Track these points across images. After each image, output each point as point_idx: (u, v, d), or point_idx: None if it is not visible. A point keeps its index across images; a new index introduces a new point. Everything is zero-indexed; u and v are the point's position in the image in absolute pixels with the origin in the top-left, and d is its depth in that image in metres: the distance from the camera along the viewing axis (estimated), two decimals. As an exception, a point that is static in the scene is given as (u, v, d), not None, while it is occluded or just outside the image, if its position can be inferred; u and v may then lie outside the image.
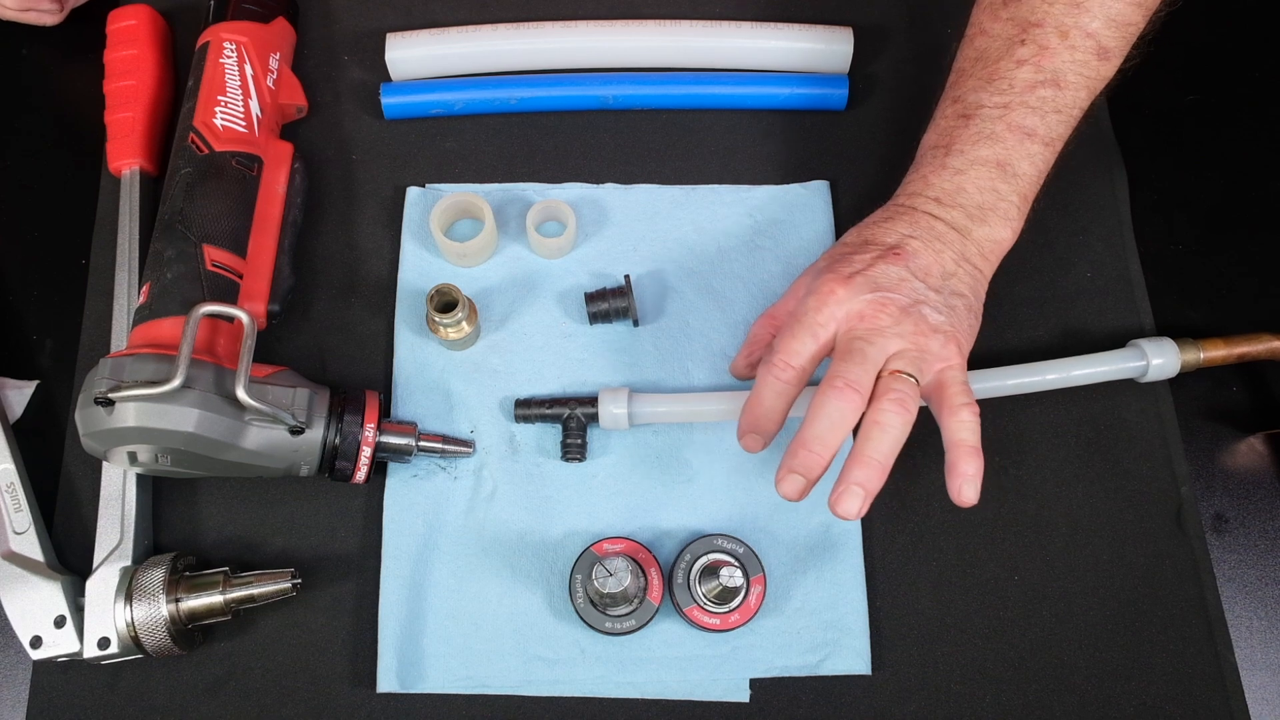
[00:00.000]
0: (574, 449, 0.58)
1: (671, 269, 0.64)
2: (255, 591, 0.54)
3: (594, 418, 0.58)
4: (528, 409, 0.59)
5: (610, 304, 0.61)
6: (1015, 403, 0.60)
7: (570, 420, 0.59)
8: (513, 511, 0.58)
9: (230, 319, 0.54)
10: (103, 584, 0.53)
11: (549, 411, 0.59)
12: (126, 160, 0.64)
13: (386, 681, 0.55)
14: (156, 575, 0.53)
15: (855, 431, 0.50)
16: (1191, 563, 0.58)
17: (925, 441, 0.60)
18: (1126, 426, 0.61)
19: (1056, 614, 0.57)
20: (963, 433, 0.50)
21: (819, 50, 0.68)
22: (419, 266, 0.63)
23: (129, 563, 0.54)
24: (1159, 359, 0.58)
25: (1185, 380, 0.61)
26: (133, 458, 0.53)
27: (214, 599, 0.53)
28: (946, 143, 0.55)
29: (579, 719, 0.55)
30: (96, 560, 0.54)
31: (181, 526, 0.58)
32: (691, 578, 0.54)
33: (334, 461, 0.55)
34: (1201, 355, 0.59)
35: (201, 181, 0.58)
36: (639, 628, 0.54)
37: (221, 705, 0.55)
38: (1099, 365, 0.59)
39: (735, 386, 0.61)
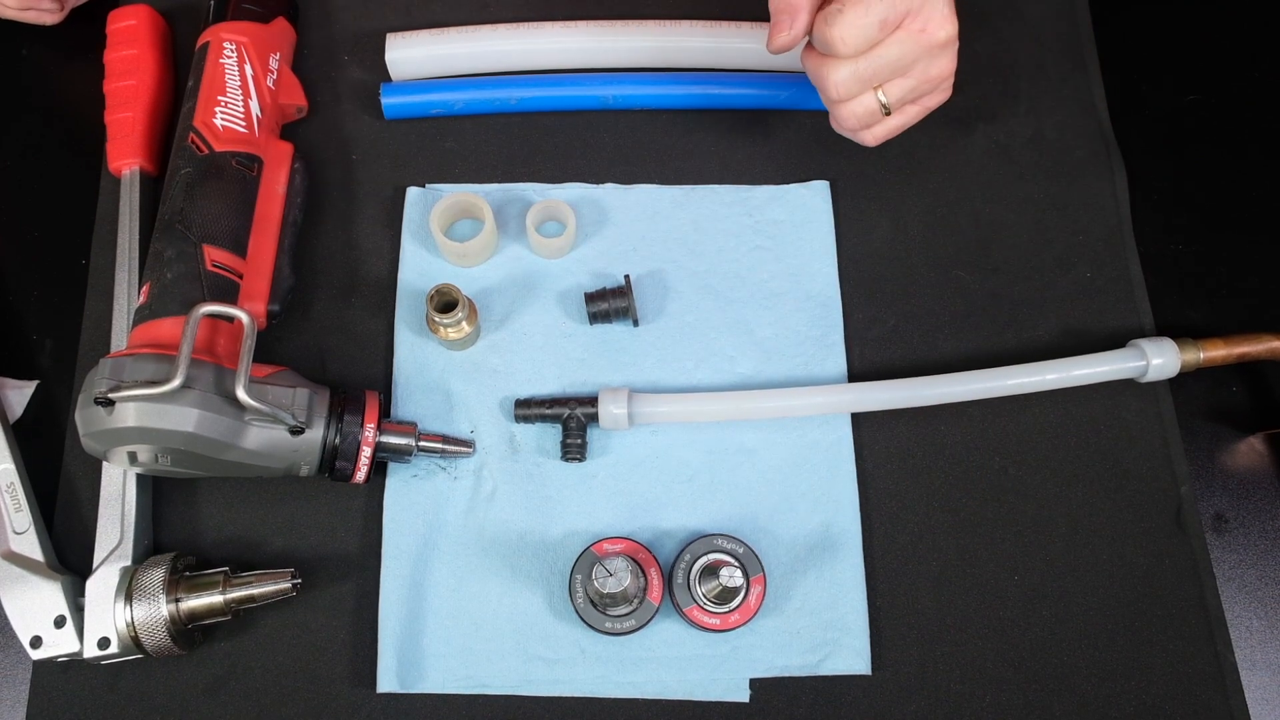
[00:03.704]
0: (574, 449, 0.58)
1: (671, 269, 0.64)
2: (255, 591, 0.54)
3: (594, 418, 0.58)
4: (528, 409, 0.59)
5: (610, 304, 0.61)
6: (1015, 403, 0.60)
7: (570, 420, 0.59)
8: (513, 511, 0.58)
9: (230, 319, 0.54)
10: (103, 584, 0.53)
11: (549, 411, 0.59)
12: (126, 160, 0.64)
13: (386, 681, 0.55)
14: (156, 575, 0.53)
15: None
16: (1191, 563, 0.58)
17: (925, 441, 0.60)
18: (1126, 426, 0.61)
19: (1056, 614, 0.57)
20: None
21: (819, 50, 0.68)
22: (419, 266, 0.63)
23: (129, 563, 0.54)
24: (1159, 359, 0.58)
25: (1185, 380, 0.61)
26: (133, 458, 0.53)
27: (214, 599, 0.53)
28: None
29: (579, 719, 0.55)
30: (96, 560, 0.54)
31: (181, 526, 0.58)
32: (691, 578, 0.54)
33: (334, 461, 0.55)
34: (1201, 355, 0.59)
35: (201, 181, 0.58)
36: (639, 628, 0.54)
37: (221, 705, 0.55)
38: (1099, 365, 0.59)
39: (736, 386, 0.61)
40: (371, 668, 0.55)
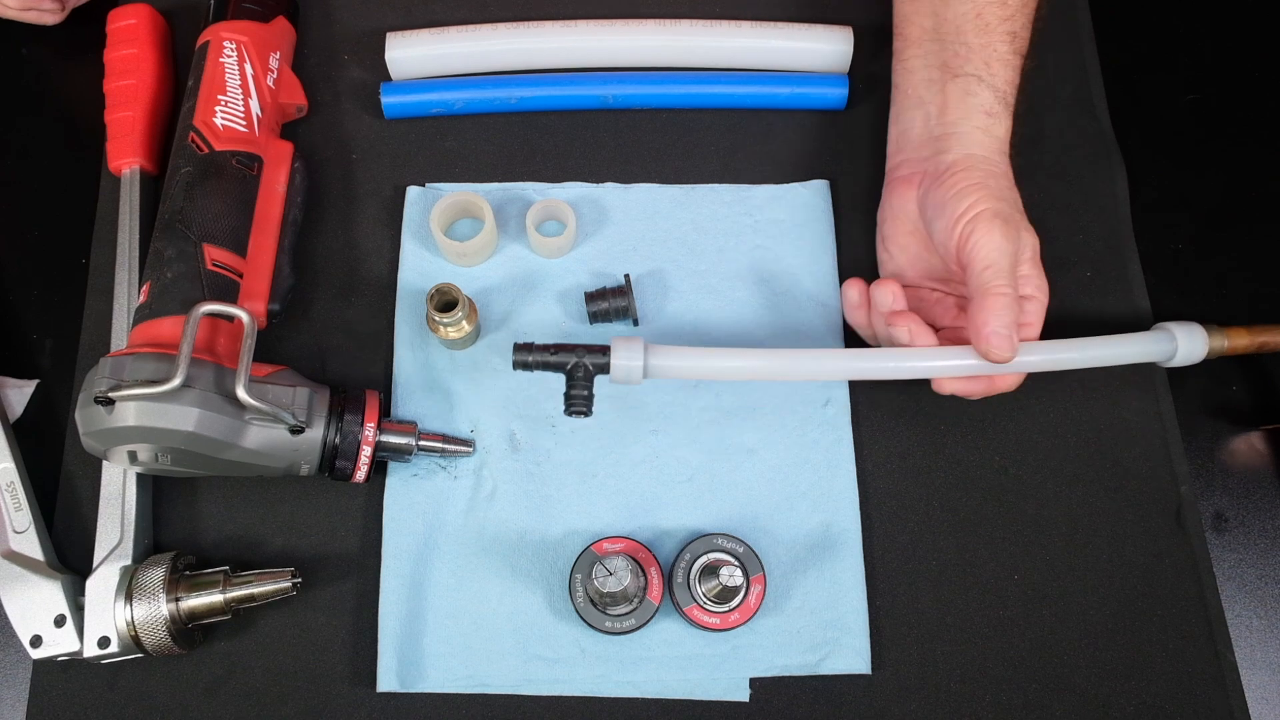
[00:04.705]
0: (579, 401, 0.54)
1: (671, 269, 0.64)
2: (255, 591, 0.54)
3: (604, 368, 0.54)
4: (528, 354, 0.54)
5: (610, 303, 0.61)
6: (1015, 403, 0.60)
7: (577, 369, 0.54)
8: (513, 511, 0.58)
9: (230, 318, 0.54)
10: (103, 583, 0.53)
11: (553, 359, 0.54)
12: (126, 159, 0.64)
13: (386, 681, 0.55)
14: (156, 574, 0.53)
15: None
16: (1191, 562, 0.58)
17: (925, 441, 0.60)
18: (1126, 425, 0.61)
19: (1056, 614, 0.57)
20: None
21: (819, 50, 0.68)
22: (419, 266, 0.63)
23: (129, 562, 0.54)
24: (1187, 342, 0.57)
25: (1185, 379, 0.61)
26: (133, 457, 0.53)
27: (214, 598, 0.53)
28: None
29: (579, 719, 0.55)
30: (96, 559, 0.54)
31: (181, 526, 0.58)
32: (691, 577, 0.54)
33: (334, 461, 0.55)
34: (1227, 343, 0.58)
35: (201, 181, 0.58)
36: (639, 627, 0.54)
37: (221, 705, 0.55)
38: (1130, 346, 0.57)
39: (735, 385, 0.61)
40: (371, 667, 0.55)
